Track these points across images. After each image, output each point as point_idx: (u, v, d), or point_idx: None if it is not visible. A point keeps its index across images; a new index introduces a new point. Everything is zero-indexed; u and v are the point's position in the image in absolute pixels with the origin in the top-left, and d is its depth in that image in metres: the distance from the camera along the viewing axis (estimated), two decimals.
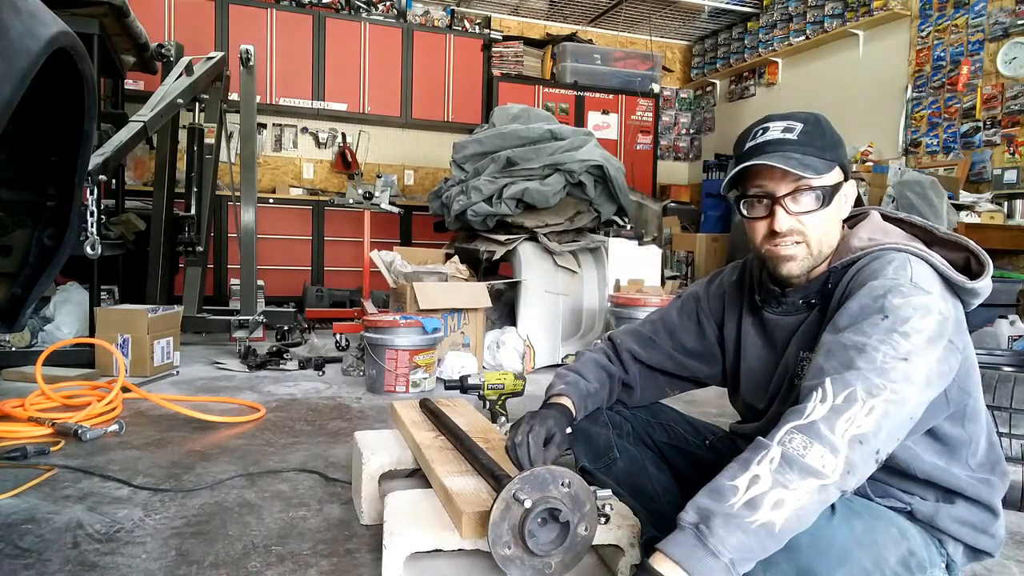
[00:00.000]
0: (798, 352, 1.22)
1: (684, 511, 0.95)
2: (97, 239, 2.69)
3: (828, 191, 1.15)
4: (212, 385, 3.10)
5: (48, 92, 1.29)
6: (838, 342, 1.04)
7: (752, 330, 1.34)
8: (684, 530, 0.93)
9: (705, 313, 1.44)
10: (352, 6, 6.66)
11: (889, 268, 1.10)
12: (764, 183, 1.17)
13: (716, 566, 0.89)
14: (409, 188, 7.00)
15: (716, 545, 0.89)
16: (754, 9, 7.00)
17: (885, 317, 1.03)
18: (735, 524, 0.90)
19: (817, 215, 1.16)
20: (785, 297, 1.25)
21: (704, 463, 1.46)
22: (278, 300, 5.41)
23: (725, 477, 0.95)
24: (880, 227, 1.22)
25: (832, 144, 1.17)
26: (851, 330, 1.04)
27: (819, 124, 1.17)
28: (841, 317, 1.08)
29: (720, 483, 0.95)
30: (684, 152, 8.30)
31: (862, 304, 1.06)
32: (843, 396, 0.96)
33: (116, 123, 3.58)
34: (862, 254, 1.16)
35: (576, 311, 4.14)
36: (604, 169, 4.08)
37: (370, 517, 1.55)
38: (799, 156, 1.13)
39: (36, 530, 1.49)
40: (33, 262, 1.46)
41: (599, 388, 1.43)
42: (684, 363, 1.45)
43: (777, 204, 1.16)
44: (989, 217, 4.46)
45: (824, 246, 1.19)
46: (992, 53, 4.94)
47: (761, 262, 1.27)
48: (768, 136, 1.16)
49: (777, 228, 1.16)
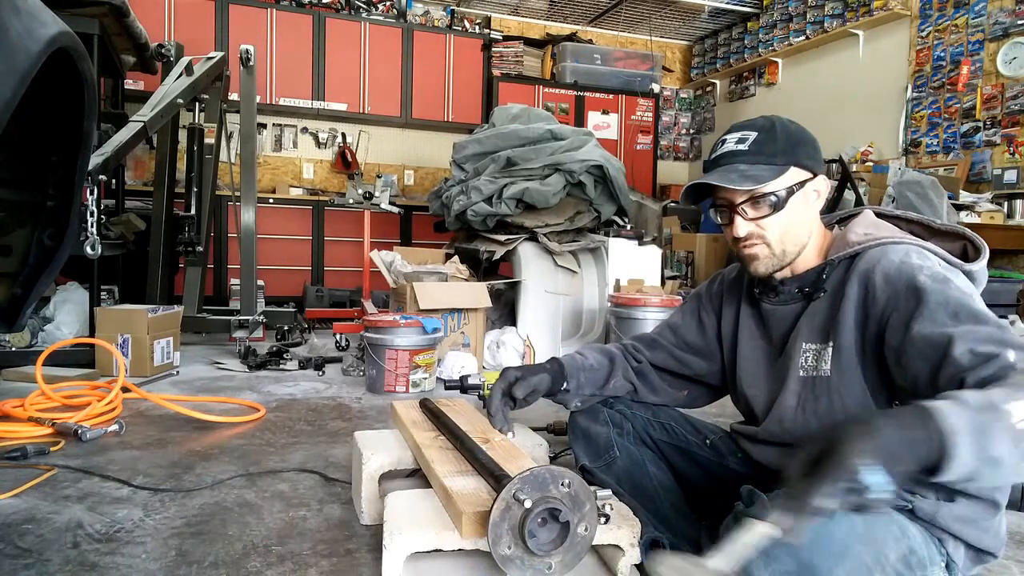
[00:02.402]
0: (802, 345, 1.25)
1: (961, 395, 0.87)
2: (97, 239, 2.69)
3: (782, 195, 1.21)
4: (212, 385, 3.10)
5: (48, 92, 1.29)
6: (967, 329, 1.00)
7: (749, 321, 1.40)
8: (964, 405, 0.85)
9: (705, 309, 1.50)
10: (352, 6, 6.66)
11: (912, 257, 1.14)
12: (723, 193, 1.25)
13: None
14: (409, 188, 7.01)
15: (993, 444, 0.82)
16: (754, 9, 7.01)
17: (970, 294, 1.07)
18: (1010, 436, 0.83)
19: (774, 218, 1.22)
20: (782, 286, 1.30)
21: (704, 463, 1.47)
22: (278, 300, 5.41)
23: (995, 395, 0.87)
24: (873, 222, 1.27)
25: (785, 148, 1.21)
26: (966, 316, 1.03)
27: (772, 130, 1.23)
28: (934, 312, 1.05)
29: (990, 398, 0.87)
30: (684, 152, 8.31)
31: (938, 291, 1.07)
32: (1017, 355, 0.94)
33: (116, 123, 3.57)
34: (861, 248, 1.20)
35: (576, 311, 4.13)
36: (604, 169, 4.08)
37: (370, 517, 1.55)
38: (744, 167, 1.20)
39: (36, 530, 1.49)
40: (33, 262, 1.46)
41: (596, 367, 1.49)
42: (686, 361, 1.50)
43: (734, 212, 1.24)
44: (989, 217, 4.47)
45: (788, 244, 1.24)
46: (992, 53, 4.95)
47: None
48: (723, 149, 1.25)
49: (735, 234, 1.25)
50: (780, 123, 1.25)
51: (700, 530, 1.33)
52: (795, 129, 1.25)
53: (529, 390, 1.41)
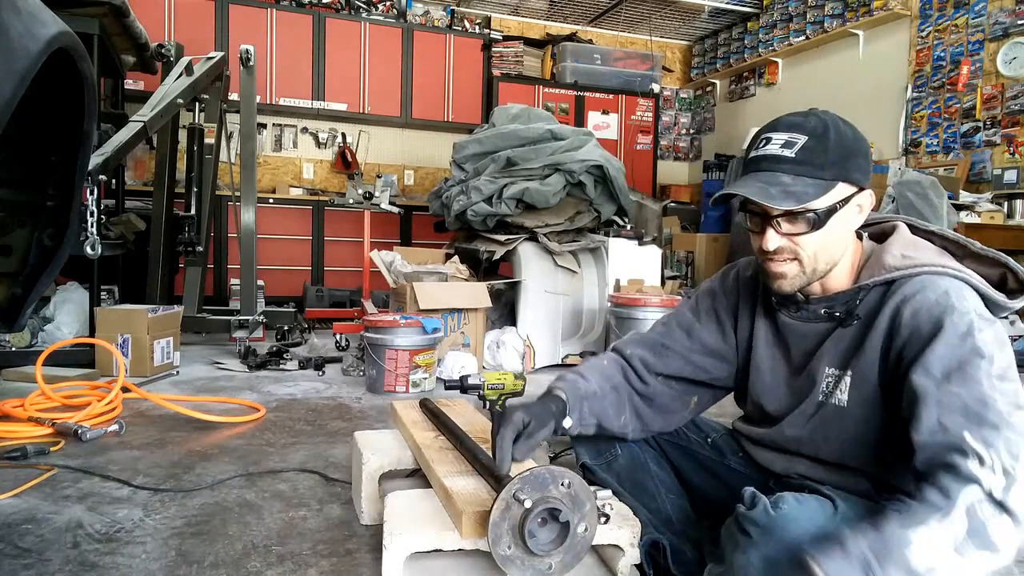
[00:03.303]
0: (825, 369, 1.19)
1: (851, 534, 0.89)
2: (97, 239, 2.69)
3: (823, 213, 1.10)
4: (212, 385, 3.10)
5: (48, 92, 1.29)
6: (951, 392, 0.98)
7: (765, 330, 1.31)
8: (850, 556, 0.87)
9: (722, 307, 1.39)
10: (352, 6, 6.66)
11: (951, 298, 1.06)
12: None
13: None
14: (409, 188, 7.00)
15: None
16: (754, 9, 7.01)
17: (983, 358, 1.00)
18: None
19: (812, 236, 1.12)
20: (807, 304, 1.22)
21: (706, 462, 1.46)
22: (278, 300, 5.41)
23: (897, 522, 0.89)
24: (911, 242, 1.18)
25: (837, 159, 1.10)
26: (958, 379, 0.99)
27: (825, 137, 1.11)
28: (931, 362, 1.02)
29: (890, 527, 0.89)
30: (684, 152, 8.31)
31: (950, 345, 1.02)
32: (1000, 462, 0.91)
33: (116, 123, 3.57)
34: (899, 275, 1.12)
35: (576, 311, 4.13)
36: (604, 169, 4.08)
37: (370, 517, 1.55)
38: (788, 180, 1.09)
39: (36, 530, 1.49)
40: (33, 262, 1.46)
41: (600, 393, 1.35)
42: (703, 365, 1.39)
43: (768, 224, 1.14)
44: (989, 217, 4.46)
45: (820, 263, 1.15)
46: (992, 53, 4.95)
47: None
48: (766, 150, 1.13)
49: (766, 247, 1.14)
50: (835, 127, 1.12)
51: (701, 530, 1.32)
52: (851, 137, 1.13)
53: (531, 450, 1.22)
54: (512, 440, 1.17)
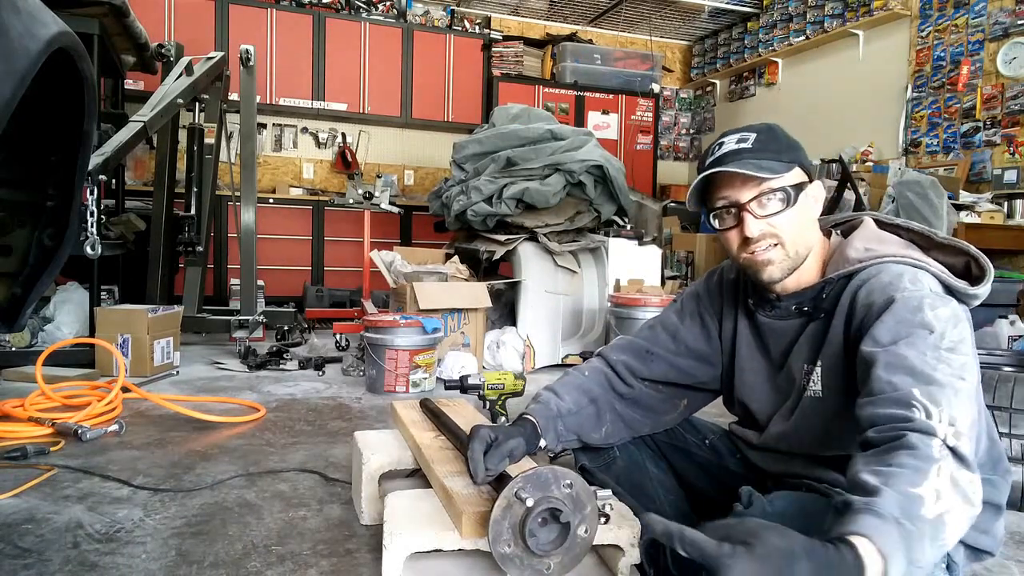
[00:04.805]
0: (802, 365, 1.22)
1: (879, 497, 0.82)
2: (97, 239, 2.69)
3: (793, 190, 1.16)
4: (212, 385, 3.10)
5: (48, 92, 1.29)
6: (898, 355, 0.99)
7: (747, 332, 1.34)
8: (886, 520, 0.80)
9: (707, 310, 1.41)
10: (352, 6, 6.66)
11: (904, 280, 1.09)
12: (728, 193, 1.18)
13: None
14: (409, 188, 7.01)
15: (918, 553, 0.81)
16: (754, 9, 7.00)
17: (931, 332, 1.00)
18: (930, 538, 0.82)
19: (786, 215, 1.17)
20: (779, 301, 1.26)
21: (704, 462, 1.46)
22: (278, 300, 5.41)
23: (905, 480, 0.84)
24: (875, 235, 1.21)
25: (787, 147, 1.19)
26: (904, 343, 1.00)
27: (772, 131, 1.20)
28: (880, 332, 1.03)
29: (892, 495, 0.83)
30: (684, 152, 8.30)
31: (899, 318, 1.03)
32: (948, 415, 0.91)
33: (116, 123, 3.57)
34: (860, 267, 1.15)
35: (576, 311, 4.14)
36: (604, 169, 4.08)
37: (370, 517, 1.55)
38: (755, 161, 1.14)
39: (36, 530, 1.49)
40: (33, 262, 1.45)
41: (575, 409, 1.36)
42: (688, 368, 1.41)
43: (744, 211, 1.17)
44: (989, 217, 4.46)
45: (800, 246, 1.19)
46: (992, 53, 4.94)
47: (744, 272, 1.28)
48: (724, 149, 1.19)
49: (748, 233, 1.17)
50: (777, 127, 1.22)
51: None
52: (791, 137, 1.23)
53: (502, 458, 1.18)
54: (483, 451, 1.17)
